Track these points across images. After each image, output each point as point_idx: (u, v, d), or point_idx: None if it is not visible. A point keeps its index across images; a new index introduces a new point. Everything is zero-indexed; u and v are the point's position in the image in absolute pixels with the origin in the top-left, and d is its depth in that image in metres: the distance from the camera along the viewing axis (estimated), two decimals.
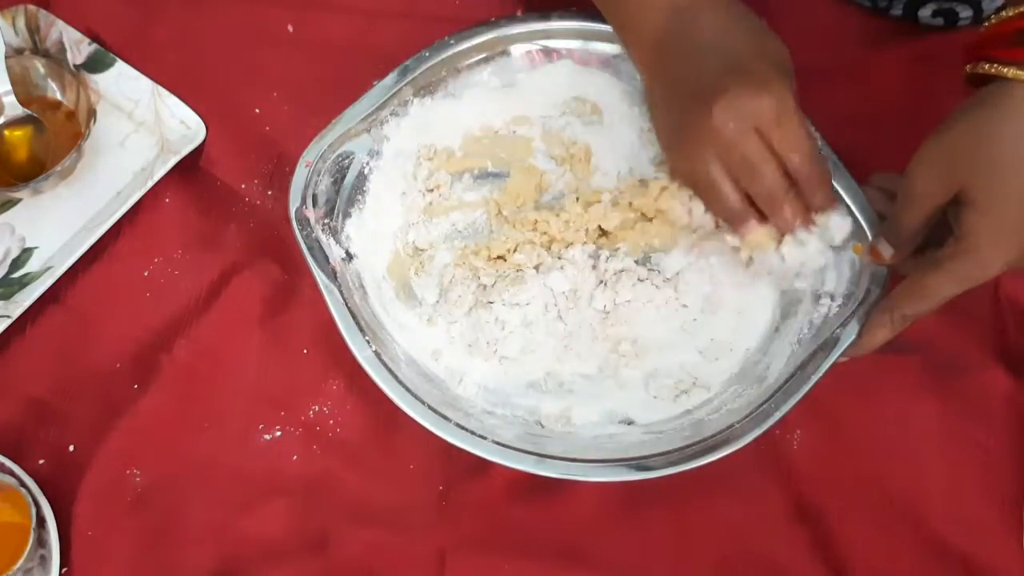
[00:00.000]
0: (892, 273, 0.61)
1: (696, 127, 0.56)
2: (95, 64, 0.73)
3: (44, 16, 0.73)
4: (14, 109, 0.70)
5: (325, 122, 0.65)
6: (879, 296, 0.61)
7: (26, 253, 0.69)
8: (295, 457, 0.64)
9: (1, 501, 0.59)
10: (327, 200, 0.65)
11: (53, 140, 0.70)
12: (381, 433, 0.65)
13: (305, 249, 0.62)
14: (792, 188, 0.57)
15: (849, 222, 0.60)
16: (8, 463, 0.61)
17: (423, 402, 0.59)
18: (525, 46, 0.69)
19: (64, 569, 0.61)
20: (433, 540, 0.62)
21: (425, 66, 0.66)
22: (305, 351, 0.67)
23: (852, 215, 0.63)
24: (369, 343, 0.60)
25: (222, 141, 0.72)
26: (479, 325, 0.64)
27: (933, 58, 0.73)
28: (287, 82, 0.74)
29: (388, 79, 0.66)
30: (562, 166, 0.70)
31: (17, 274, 0.68)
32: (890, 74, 0.74)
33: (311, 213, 0.63)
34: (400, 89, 0.66)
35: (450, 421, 0.59)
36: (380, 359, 0.60)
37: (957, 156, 0.54)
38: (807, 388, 0.59)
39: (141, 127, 0.72)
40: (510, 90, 0.70)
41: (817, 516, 0.63)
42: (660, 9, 0.59)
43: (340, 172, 0.66)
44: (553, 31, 0.68)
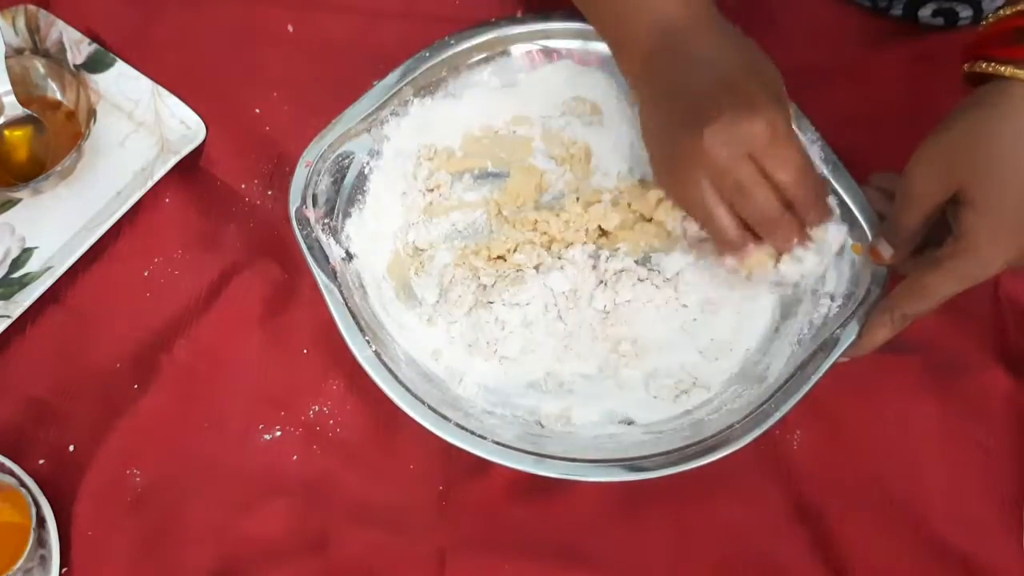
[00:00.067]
0: (892, 273, 0.61)
1: (688, 151, 0.55)
2: (95, 64, 0.73)
3: (44, 16, 0.73)
4: (14, 109, 0.70)
5: (325, 122, 0.65)
6: (879, 296, 0.61)
7: (26, 253, 0.69)
8: (295, 457, 0.64)
9: (1, 501, 0.59)
10: (327, 200, 0.65)
11: (53, 140, 0.70)
12: (381, 433, 0.65)
13: (305, 249, 0.62)
14: (787, 210, 0.56)
15: (844, 229, 0.60)
16: (8, 463, 0.61)
17: (423, 402, 0.59)
18: (525, 46, 0.69)
19: (64, 569, 0.61)
20: (433, 540, 0.62)
21: (425, 66, 0.66)
22: (305, 351, 0.67)
23: (852, 214, 0.63)
24: (369, 343, 0.60)
25: (222, 141, 0.72)
26: (479, 325, 0.64)
27: (933, 58, 0.73)
28: (287, 82, 0.74)
29: (388, 79, 0.66)
30: (562, 166, 0.70)
31: (17, 274, 0.68)
32: (890, 74, 0.74)
33: (311, 213, 0.63)
34: (400, 89, 0.66)
35: (450, 421, 0.59)
36: (380, 359, 0.60)
37: (955, 155, 0.54)
38: (807, 388, 0.59)
39: (141, 127, 0.72)
40: (510, 90, 0.70)
41: (817, 516, 0.63)
42: (653, 29, 0.58)
43: (340, 172, 0.66)
44: (553, 31, 0.69)
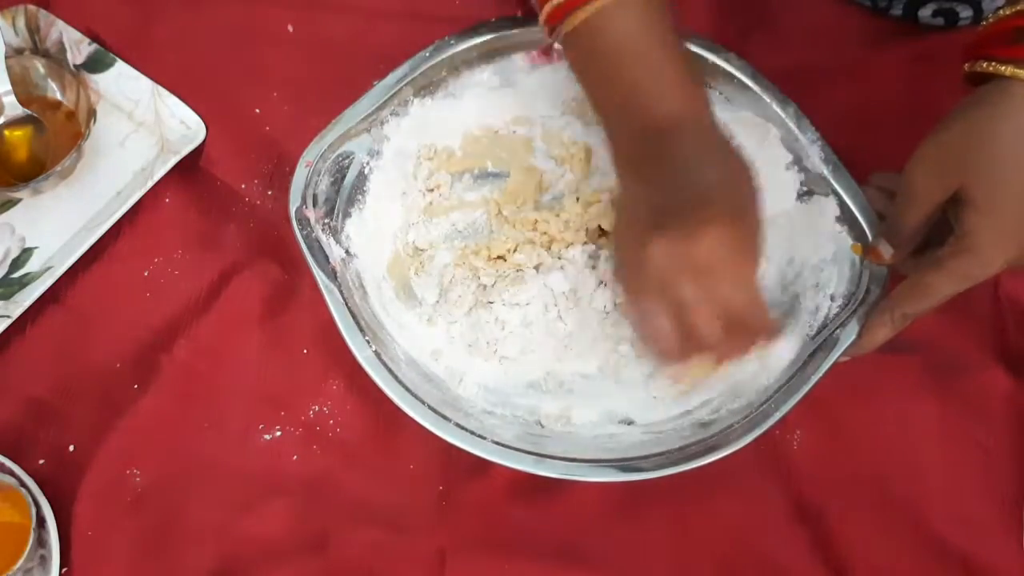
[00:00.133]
0: (892, 273, 0.61)
1: (639, 260, 0.52)
2: (95, 64, 0.73)
3: (44, 16, 0.73)
4: (14, 109, 0.70)
5: (325, 122, 0.65)
6: (879, 296, 0.61)
7: (26, 253, 0.69)
8: (295, 457, 0.64)
9: (1, 501, 0.59)
10: (327, 200, 0.65)
11: (53, 140, 0.70)
12: (381, 433, 0.65)
13: (305, 249, 0.62)
14: (734, 325, 0.52)
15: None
16: (8, 463, 0.61)
17: (423, 402, 0.59)
18: (525, 46, 0.69)
19: (64, 569, 0.61)
20: (433, 540, 0.62)
21: (425, 66, 0.66)
22: (305, 351, 0.67)
23: (852, 215, 0.63)
24: (369, 343, 0.60)
25: (222, 141, 0.72)
26: (479, 325, 0.64)
27: (933, 58, 0.73)
28: (287, 82, 0.74)
29: (388, 79, 0.66)
30: (562, 166, 0.70)
31: (17, 274, 0.68)
32: (890, 74, 0.74)
33: (311, 213, 0.63)
34: (400, 89, 0.66)
35: (450, 421, 0.59)
36: (380, 359, 0.60)
37: (956, 155, 0.54)
38: (807, 388, 0.59)
39: (141, 127, 0.72)
40: (510, 90, 0.70)
41: (817, 516, 0.63)
42: (648, 127, 0.54)
43: (340, 172, 0.66)
44: None
